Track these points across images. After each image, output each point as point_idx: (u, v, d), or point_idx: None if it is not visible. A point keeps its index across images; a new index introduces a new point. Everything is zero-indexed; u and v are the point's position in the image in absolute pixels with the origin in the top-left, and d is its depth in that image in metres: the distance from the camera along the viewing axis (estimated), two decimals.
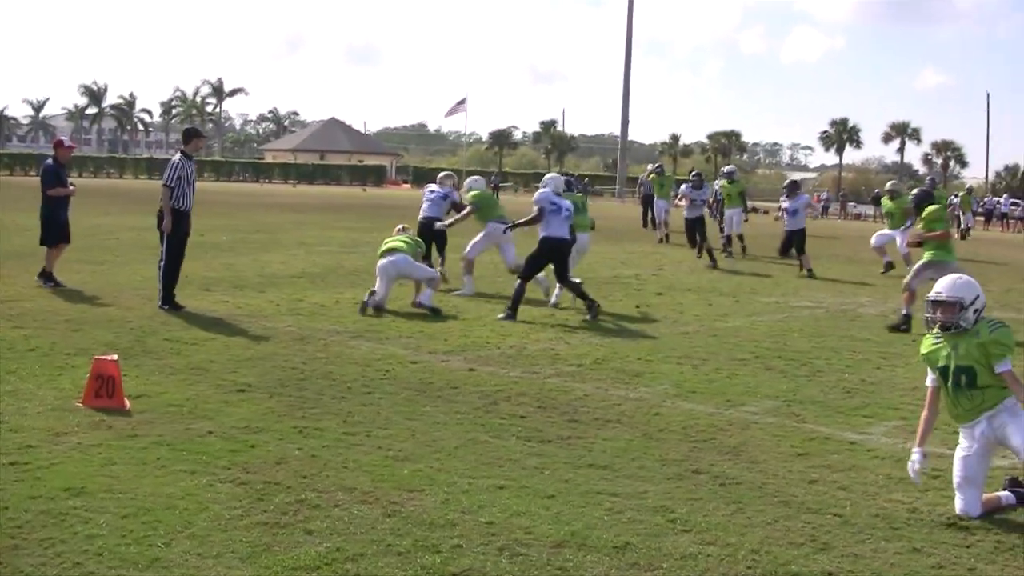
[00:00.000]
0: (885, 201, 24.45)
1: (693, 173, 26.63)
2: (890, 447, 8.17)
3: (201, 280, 16.49)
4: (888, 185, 29.67)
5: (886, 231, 23.64)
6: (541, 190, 14.73)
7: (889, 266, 22.99)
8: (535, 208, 14.42)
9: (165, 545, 5.47)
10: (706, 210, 27.03)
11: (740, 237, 26.51)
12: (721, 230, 27.23)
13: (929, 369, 6.94)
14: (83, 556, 5.30)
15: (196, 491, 6.35)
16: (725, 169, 29.71)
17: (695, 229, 24.69)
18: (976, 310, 6.76)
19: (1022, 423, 6.52)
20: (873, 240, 24.02)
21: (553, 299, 15.49)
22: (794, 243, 23.21)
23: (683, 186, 26.65)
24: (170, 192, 13.43)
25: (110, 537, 5.54)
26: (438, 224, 17.14)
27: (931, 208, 14.90)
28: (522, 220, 15.04)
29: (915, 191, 16.65)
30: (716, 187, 29.95)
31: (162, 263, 13.46)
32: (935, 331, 6.88)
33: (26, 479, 6.45)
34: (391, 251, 14.47)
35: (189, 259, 14.72)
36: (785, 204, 23.90)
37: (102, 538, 5.52)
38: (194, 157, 14.07)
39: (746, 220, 27.45)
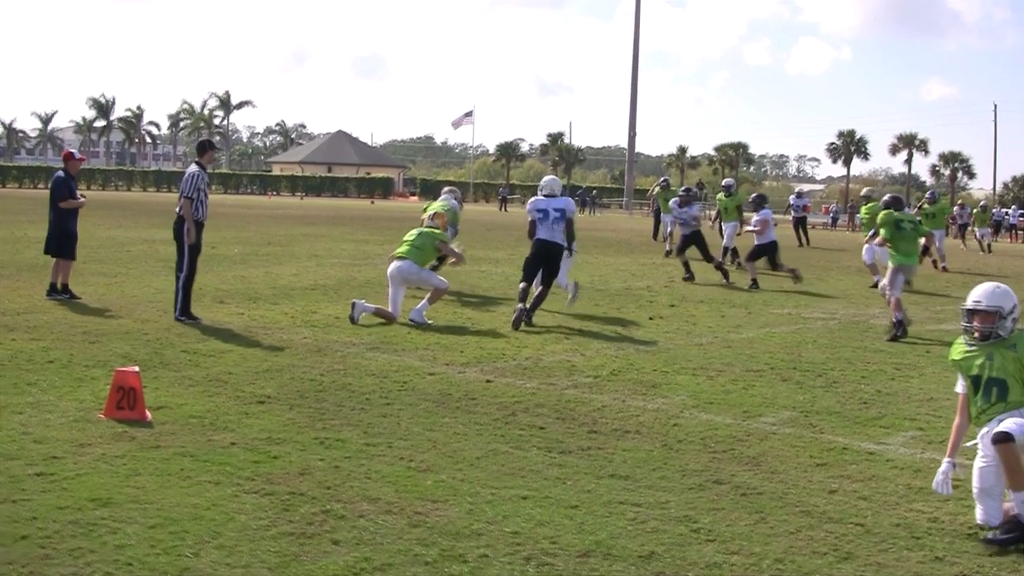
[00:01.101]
0: (862, 208, 24.26)
1: (683, 189, 24.71)
2: (908, 457, 8.20)
3: (215, 292, 16.56)
4: (863, 192, 29.71)
5: (868, 244, 23.27)
6: (532, 199, 15.21)
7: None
8: (527, 219, 15.11)
9: (194, 555, 5.51)
10: (714, 224, 26.79)
11: (734, 251, 26.13)
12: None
13: (960, 375, 6.92)
14: (113, 566, 5.33)
15: (222, 502, 6.39)
16: (724, 182, 29.60)
17: (688, 245, 22.42)
18: (1014, 319, 6.70)
19: (1017, 418, 6.45)
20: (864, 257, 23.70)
21: (571, 296, 16.11)
22: (767, 256, 21.77)
23: (671, 202, 24.94)
24: (191, 204, 13.46)
25: (139, 547, 5.58)
26: None
27: (880, 214, 15.96)
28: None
29: (884, 198, 17.19)
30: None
31: (182, 274, 13.50)
32: (970, 340, 6.80)
33: (53, 489, 6.49)
34: (398, 257, 14.68)
35: (202, 271, 14.79)
36: (754, 218, 22.57)
37: (131, 548, 5.57)
38: (207, 169, 14.09)
39: (739, 234, 26.97)
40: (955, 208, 47.82)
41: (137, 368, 8.80)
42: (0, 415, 8.28)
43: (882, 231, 15.76)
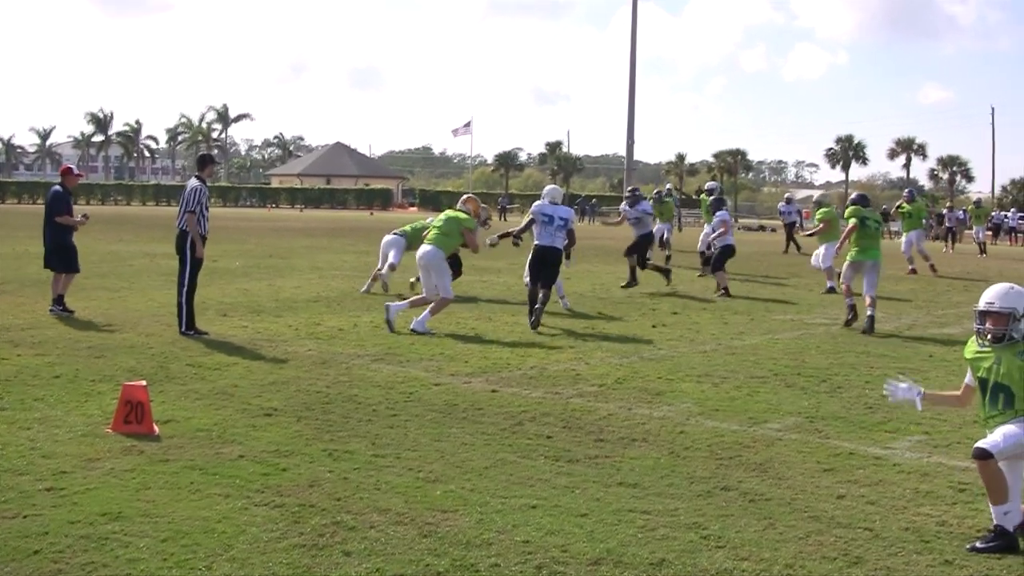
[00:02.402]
0: (815, 212, 24.55)
1: (629, 188, 24.52)
2: (915, 461, 8.21)
3: (218, 306, 16.58)
4: (816, 197, 29.86)
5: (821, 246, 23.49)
6: (537, 203, 15.89)
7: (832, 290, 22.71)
8: (526, 218, 16.05)
9: (207, 568, 5.52)
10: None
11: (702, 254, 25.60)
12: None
13: (970, 371, 6.78)
14: None
15: (232, 514, 6.41)
16: (707, 185, 29.40)
17: (637, 248, 21.71)
18: None
19: (1015, 426, 6.35)
20: (813, 259, 23.93)
21: (564, 303, 17.25)
22: (714, 259, 21.65)
23: (622, 205, 24.24)
24: (194, 217, 13.49)
25: (151, 561, 5.60)
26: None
27: (849, 209, 17.31)
28: (513, 229, 16.58)
29: (852, 195, 18.80)
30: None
31: (184, 289, 13.52)
32: (983, 342, 6.62)
33: (63, 504, 6.52)
34: (426, 242, 15.13)
35: (204, 285, 14.82)
36: (714, 222, 22.47)
37: (144, 562, 5.58)
38: (207, 182, 14.10)
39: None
40: (944, 212, 47.92)
41: (144, 382, 8.82)
42: (8, 431, 8.31)
43: (849, 222, 16.81)
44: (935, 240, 48.40)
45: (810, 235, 24.09)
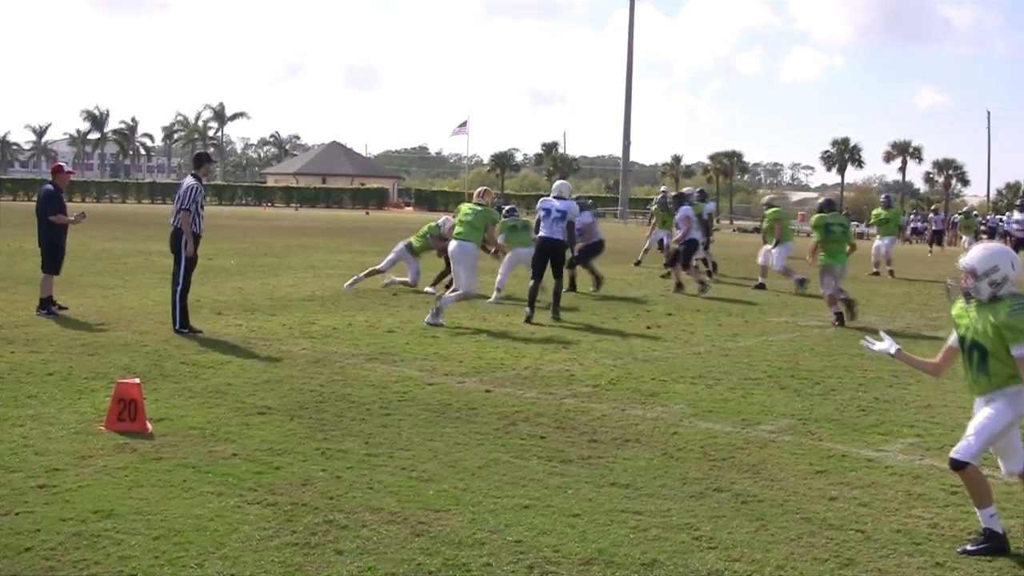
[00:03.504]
0: (767, 212, 24.77)
1: (577, 196, 24.96)
2: (907, 464, 8.23)
3: (212, 304, 16.56)
4: (766, 199, 29.88)
5: (767, 246, 23.83)
6: (541, 198, 16.57)
7: (761, 286, 23.42)
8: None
9: (198, 566, 5.52)
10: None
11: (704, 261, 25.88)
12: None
13: (954, 330, 6.72)
14: None
15: (225, 512, 6.41)
16: (686, 190, 29.34)
17: (583, 258, 21.21)
18: (994, 283, 6.34)
19: (989, 413, 6.33)
20: (760, 257, 24.31)
21: (493, 297, 18.12)
22: (682, 256, 22.00)
23: None
24: (189, 216, 13.46)
25: (143, 559, 5.60)
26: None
27: (813, 218, 17.83)
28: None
29: (819, 200, 19.39)
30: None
31: (178, 287, 13.50)
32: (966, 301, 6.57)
33: (56, 502, 6.51)
34: (457, 237, 15.56)
35: (199, 283, 14.81)
36: (676, 218, 22.71)
37: (135, 559, 5.58)
38: (203, 181, 14.08)
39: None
40: (930, 214, 48.07)
41: (138, 380, 8.82)
42: (1, 427, 8.30)
43: (814, 233, 17.38)
44: (929, 244, 48.52)
45: (777, 244, 23.89)
